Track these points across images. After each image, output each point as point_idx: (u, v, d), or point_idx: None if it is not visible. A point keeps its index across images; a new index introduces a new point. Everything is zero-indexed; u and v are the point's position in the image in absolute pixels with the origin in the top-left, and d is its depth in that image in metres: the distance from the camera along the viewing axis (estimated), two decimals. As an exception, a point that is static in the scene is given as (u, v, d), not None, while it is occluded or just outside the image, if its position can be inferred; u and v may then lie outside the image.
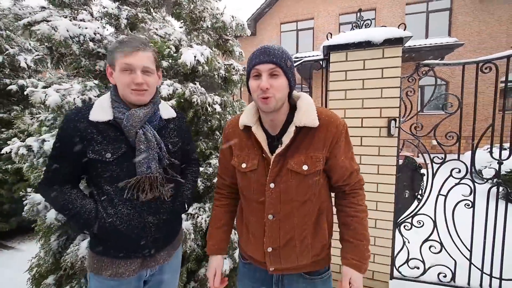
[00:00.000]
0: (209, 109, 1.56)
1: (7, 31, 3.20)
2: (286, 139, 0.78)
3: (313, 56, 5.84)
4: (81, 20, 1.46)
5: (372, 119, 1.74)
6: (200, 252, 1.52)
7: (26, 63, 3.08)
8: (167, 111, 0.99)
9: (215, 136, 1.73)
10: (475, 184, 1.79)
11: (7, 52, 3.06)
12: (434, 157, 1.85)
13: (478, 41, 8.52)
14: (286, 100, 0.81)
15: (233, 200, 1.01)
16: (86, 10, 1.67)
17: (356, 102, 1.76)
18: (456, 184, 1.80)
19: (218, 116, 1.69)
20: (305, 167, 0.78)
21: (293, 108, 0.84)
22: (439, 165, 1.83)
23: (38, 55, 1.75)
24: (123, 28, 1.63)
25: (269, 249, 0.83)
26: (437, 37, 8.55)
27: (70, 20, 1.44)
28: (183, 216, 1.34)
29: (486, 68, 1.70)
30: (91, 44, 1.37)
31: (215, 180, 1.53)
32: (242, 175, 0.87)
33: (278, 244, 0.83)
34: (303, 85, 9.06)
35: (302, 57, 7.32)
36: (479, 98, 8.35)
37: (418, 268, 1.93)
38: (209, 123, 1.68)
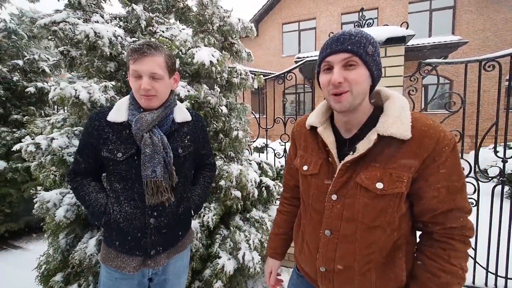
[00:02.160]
0: (219, 110, 1.59)
1: (27, 41, 3.34)
2: (362, 147, 0.63)
3: (315, 56, 5.84)
4: (96, 22, 1.49)
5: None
6: (205, 252, 1.54)
7: (44, 68, 3.22)
8: (182, 114, 0.99)
9: (219, 138, 1.75)
10: (479, 182, 1.78)
11: (27, 57, 3.18)
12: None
13: (483, 39, 8.44)
14: (367, 96, 0.66)
15: (295, 208, 0.94)
16: (97, 13, 1.71)
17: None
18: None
19: (223, 118, 1.71)
20: (379, 185, 0.61)
21: (377, 109, 0.68)
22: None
23: (54, 60, 1.81)
24: (130, 28, 1.67)
25: (322, 269, 0.71)
26: (441, 35, 8.49)
27: (85, 22, 1.48)
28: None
29: (489, 67, 1.70)
30: (119, 47, 1.42)
31: (221, 182, 1.54)
32: (303, 178, 0.78)
33: (332, 267, 0.69)
34: (305, 85, 9.05)
35: (304, 58, 7.33)
36: (484, 96, 8.28)
37: None
38: (214, 125, 1.70)
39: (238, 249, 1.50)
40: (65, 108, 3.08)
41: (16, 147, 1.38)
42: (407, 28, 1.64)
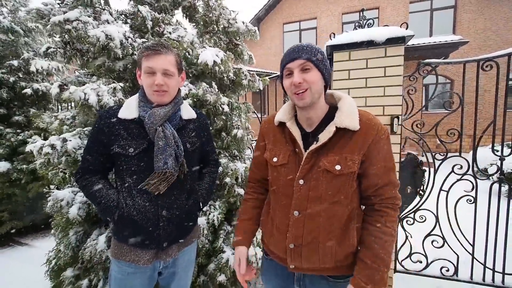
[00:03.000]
0: (220, 108, 1.62)
1: (25, 38, 3.35)
2: (323, 137, 0.77)
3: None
4: (105, 21, 1.51)
5: (375, 117, 1.78)
6: (210, 247, 1.58)
7: (36, 67, 3.20)
8: (188, 112, 1.05)
9: (222, 137, 1.79)
10: (477, 180, 1.82)
11: (22, 57, 3.18)
12: (435, 154, 1.89)
13: (484, 39, 8.45)
14: (322, 95, 0.82)
15: (261, 196, 1.02)
16: (106, 10, 1.73)
17: (359, 101, 1.80)
18: (458, 180, 1.83)
19: (224, 117, 1.75)
20: (338, 167, 0.76)
21: (332, 108, 0.83)
22: (441, 161, 1.87)
23: (49, 47, 1.77)
24: (137, 25, 1.69)
25: (291, 246, 0.83)
26: (442, 35, 8.50)
27: (95, 20, 1.50)
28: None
29: (487, 66, 1.73)
30: (130, 49, 1.45)
31: (226, 180, 1.58)
32: (273, 169, 0.89)
33: (300, 242, 0.82)
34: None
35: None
36: (485, 96, 8.29)
37: (420, 262, 1.97)
38: (216, 124, 1.74)
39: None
40: (73, 107, 3.10)
41: (29, 148, 1.41)
42: (406, 29, 1.67)
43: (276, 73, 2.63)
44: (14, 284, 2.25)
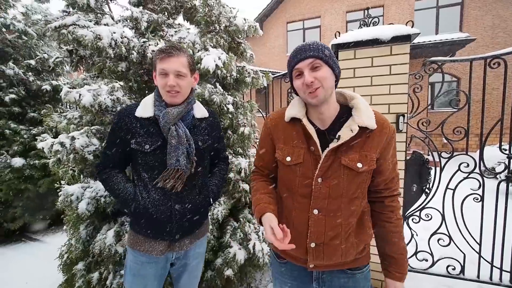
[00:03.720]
0: (225, 108, 1.65)
1: (39, 40, 3.47)
2: (345, 135, 0.77)
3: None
4: (105, 24, 1.56)
5: (380, 115, 1.79)
6: (216, 243, 1.61)
7: (50, 64, 3.32)
8: (200, 111, 1.09)
9: (227, 135, 1.82)
10: (484, 178, 1.80)
11: (39, 57, 3.30)
12: (442, 153, 1.87)
13: (491, 36, 8.29)
14: (334, 91, 0.82)
15: (271, 181, 0.97)
16: (108, 14, 1.79)
17: (364, 99, 1.81)
18: (465, 178, 1.82)
19: (230, 116, 1.78)
20: (359, 165, 0.78)
21: (343, 106, 0.84)
22: (447, 159, 1.86)
23: (58, 57, 1.85)
24: (142, 31, 1.74)
25: (312, 245, 0.82)
26: (448, 32, 8.38)
27: (96, 24, 1.55)
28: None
29: (494, 64, 1.72)
30: (123, 48, 1.48)
31: (230, 175, 1.61)
32: (286, 168, 0.86)
33: (322, 240, 0.82)
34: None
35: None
36: (493, 94, 8.14)
37: (426, 260, 1.96)
38: (223, 123, 1.76)
39: (248, 240, 1.57)
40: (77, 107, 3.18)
41: (40, 145, 1.46)
42: (412, 27, 1.67)
43: (280, 72, 2.64)
44: (29, 278, 2.32)
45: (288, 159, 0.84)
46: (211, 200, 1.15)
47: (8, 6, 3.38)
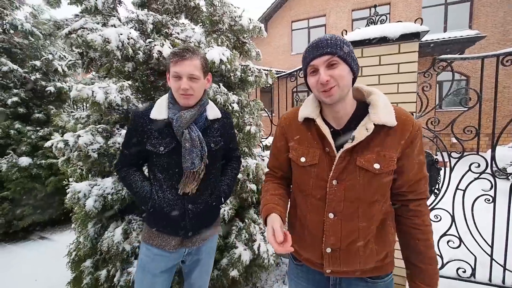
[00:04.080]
0: (229, 107, 1.65)
1: (45, 41, 3.53)
2: (360, 135, 0.72)
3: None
4: (112, 26, 1.58)
5: (388, 114, 1.76)
6: (222, 243, 1.61)
7: (62, 68, 3.38)
8: (213, 112, 1.09)
9: (236, 139, 1.81)
10: (496, 179, 1.75)
11: (43, 58, 3.35)
12: (451, 152, 1.83)
13: (502, 33, 8.09)
14: (351, 89, 0.77)
15: (285, 183, 0.95)
16: (115, 16, 1.81)
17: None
18: (476, 179, 1.77)
19: (237, 114, 1.78)
20: (376, 166, 0.72)
21: (360, 103, 0.79)
22: (457, 159, 1.81)
23: (70, 60, 1.89)
24: (148, 32, 1.75)
25: (328, 250, 0.78)
26: (457, 30, 8.20)
27: (103, 26, 1.57)
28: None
29: (507, 61, 1.67)
30: (130, 50, 1.50)
31: (238, 175, 1.61)
32: (300, 169, 0.83)
33: (339, 246, 0.77)
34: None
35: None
36: (504, 93, 7.94)
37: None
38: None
39: (253, 241, 1.57)
40: (85, 106, 3.23)
41: (47, 144, 1.49)
42: (421, 24, 1.64)
43: (284, 72, 2.63)
44: (37, 275, 2.37)
45: (303, 159, 0.81)
46: (223, 199, 1.16)
47: (14, 8, 3.46)
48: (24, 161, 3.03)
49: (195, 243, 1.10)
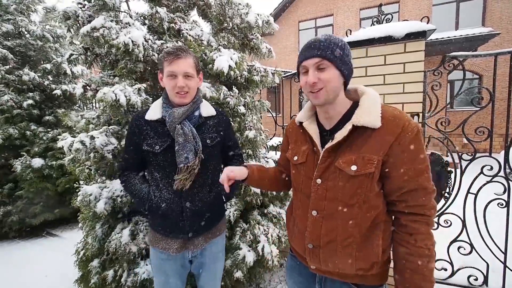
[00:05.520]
0: (238, 110, 1.65)
1: (54, 44, 3.64)
2: (339, 135, 0.73)
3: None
4: (127, 24, 1.59)
5: (394, 115, 1.72)
6: (227, 243, 1.61)
7: (71, 70, 3.48)
8: (207, 109, 1.11)
9: (236, 137, 1.80)
10: (510, 182, 1.68)
11: (54, 60, 3.46)
12: (462, 154, 1.75)
13: (518, 30, 7.78)
14: (341, 92, 0.77)
15: (285, 177, 1.05)
16: (126, 13, 1.81)
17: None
18: (488, 182, 1.69)
19: (238, 119, 1.76)
20: (353, 167, 0.71)
21: (354, 103, 0.79)
22: (468, 161, 1.74)
23: (72, 54, 1.89)
24: (161, 31, 1.75)
25: (310, 246, 0.81)
26: (469, 27, 7.94)
27: (117, 24, 1.58)
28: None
29: (521, 59, 1.60)
30: (150, 51, 1.53)
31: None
32: (294, 167, 0.90)
33: (318, 243, 0.79)
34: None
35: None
36: (519, 91, 7.61)
37: (445, 269, 1.85)
38: (233, 126, 1.75)
39: (257, 242, 1.56)
40: (97, 106, 3.27)
41: (60, 144, 1.52)
42: (428, 23, 1.59)
43: (291, 72, 2.61)
44: (48, 271, 2.44)
45: (295, 158, 0.87)
46: (224, 198, 1.16)
47: (31, 11, 3.58)
48: (37, 162, 3.14)
49: (198, 245, 1.09)
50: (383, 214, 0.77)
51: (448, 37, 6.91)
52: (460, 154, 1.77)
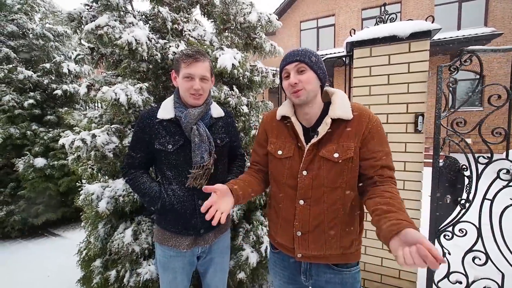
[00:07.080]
0: (240, 110, 1.64)
1: (55, 43, 3.64)
2: (322, 130, 0.85)
3: (334, 53, 5.69)
4: (130, 23, 1.59)
5: (398, 115, 1.71)
6: (230, 244, 1.60)
7: (68, 69, 3.47)
8: (217, 110, 1.14)
9: (240, 137, 1.79)
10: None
11: (54, 60, 3.45)
12: (479, 157, 1.61)
13: (520, 30, 7.74)
14: (318, 93, 0.90)
15: (260, 176, 1.02)
16: (130, 13, 1.80)
17: (381, 98, 1.74)
18: (505, 187, 1.54)
19: (243, 118, 1.76)
20: (336, 155, 0.83)
21: (327, 103, 0.91)
22: (484, 165, 1.59)
23: (79, 54, 1.89)
24: (164, 31, 1.75)
25: (298, 233, 0.89)
26: (471, 27, 7.91)
27: (120, 23, 1.57)
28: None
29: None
30: (154, 50, 1.53)
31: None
32: (276, 161, 0.94)
33: (307, 229, 0.88)
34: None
35: (323, 55, 7.19)
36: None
37: (460, 282, 1.71)
38: (237, 125, 1.74)
39: (260, 243, 1.56)
40: (99, 106, 3.26)
41: (61, 141, 1.51)
42: (432, 22, 1.59)
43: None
44: (50, 271, 2.44)
45: (280, 152, 0.93)
46: None
47: (34, 12, 3.59)
48: (40, 162, 3.14)
49: (208, 241, 1.12)
50: (357, 197, 0.90)
51: (451, 37, 6.88)
52: (477, 157, 1.62)
